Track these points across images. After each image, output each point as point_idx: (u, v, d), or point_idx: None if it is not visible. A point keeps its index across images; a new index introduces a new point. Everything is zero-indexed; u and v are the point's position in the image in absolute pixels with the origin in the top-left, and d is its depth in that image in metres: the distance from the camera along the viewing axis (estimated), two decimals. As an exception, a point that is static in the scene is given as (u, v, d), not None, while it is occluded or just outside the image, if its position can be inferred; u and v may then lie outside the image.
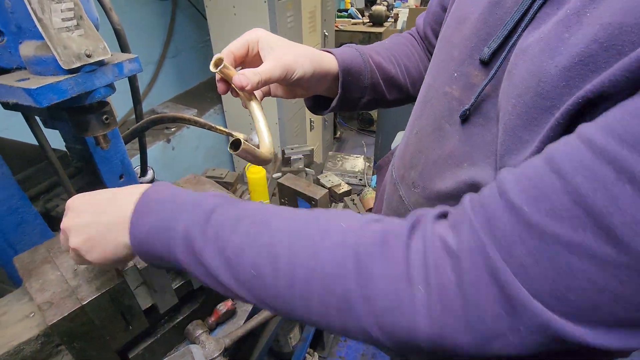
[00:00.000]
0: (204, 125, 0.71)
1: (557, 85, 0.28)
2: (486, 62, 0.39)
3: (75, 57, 0.44)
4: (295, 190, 1.15)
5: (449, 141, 0.44)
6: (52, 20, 0.41)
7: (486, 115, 0.39)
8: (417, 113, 0.53)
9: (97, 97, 0.48)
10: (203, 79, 2.49)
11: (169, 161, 1.92)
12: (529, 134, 0.31)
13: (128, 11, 1.79)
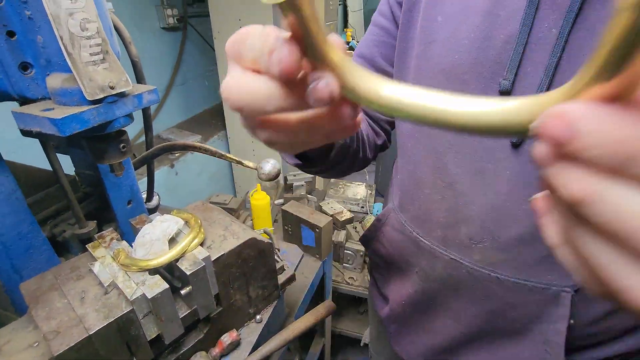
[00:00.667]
0: (215, 154, 0.73)
1: None
2: (508, 92, 0.40)
3: (99, 89, 0.45)
4: (299, 217, 1.15)
5: (499, 179, 0.42)
6: (80, 55, 0.44)
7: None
8: (431, 166, 0.48)
9: (117, 126, 0.50)
10: (208, 106, 2.55)
11: (172, 186, 1.93)
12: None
13: (140, 42, 1.87)
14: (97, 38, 0.45)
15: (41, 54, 0.44)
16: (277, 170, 0.69)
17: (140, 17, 1.85)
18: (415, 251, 0.55)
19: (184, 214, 0.63)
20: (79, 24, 0.43)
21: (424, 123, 0.18)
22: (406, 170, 0.54)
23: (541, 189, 0.17)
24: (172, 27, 2.02)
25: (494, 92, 0.41)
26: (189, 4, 2.10)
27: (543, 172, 0.14)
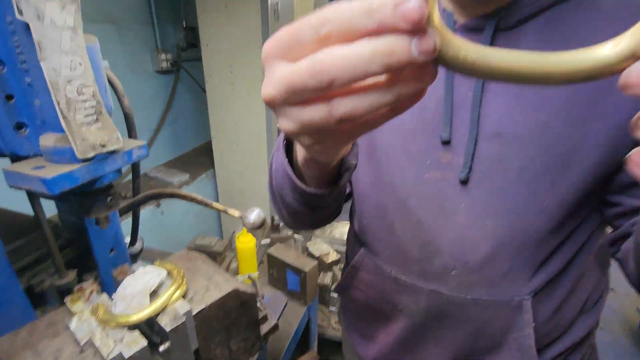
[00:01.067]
0: (201, 202, 0.74)
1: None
2: (448, 142, 0.49)
3: (90, 148, 0.47)
4: (284, 261, 1.15)
5: (457, 213, 0.50)
6: (75, 117, 0.46)
7: (485, 164, 0.48)
8: (399, 211, 0.54)
9: (106, 181, 0.51)
10: (197, 144, 2.58)
11: (157, 225, 1.90)
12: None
13: (134, 84, 1.92)
14: (92, 101, 0.48)
15: (37, 115, 0.46)
16: (262, 219, 0.71)
17: (136, 62, 1.92)
18: (396, 289, 0.58)
19: (167, 264, 0.63)
20: (76, 89, 0.46)
21: (515, 80, 0.20)
22: (374, 218, 0.59)
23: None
24: (166, 71, 2.10)
25: (438, 142, 0.50)
26: (183, 49, 2.20)
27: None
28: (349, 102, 0.20)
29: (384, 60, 0.18)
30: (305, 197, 0.43)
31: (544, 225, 0.47)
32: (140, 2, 1.90)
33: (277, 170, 0.46)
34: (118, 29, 1.78)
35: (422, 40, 0.18)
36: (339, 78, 0.19)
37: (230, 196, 2.32)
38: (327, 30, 0.19)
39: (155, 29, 1.99)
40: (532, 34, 0.45)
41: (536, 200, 0.47)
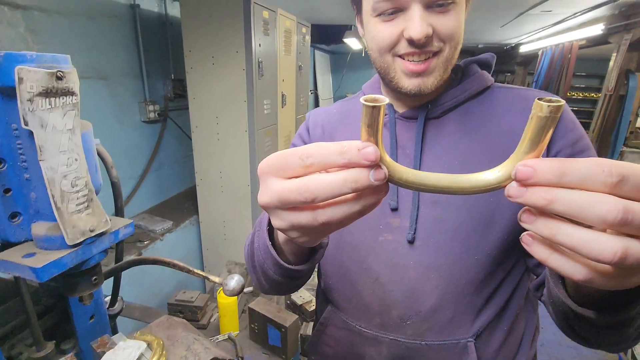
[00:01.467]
0: (183, 269, 0.77)
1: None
2: (396, 209, 0.59)
3: (80, 234, 0.51)
4: (265, 316, 1.16)
5: (407, 269, 0.58)
6: (68, 207, 0.50)
7: (427, 226, 0.57)
8: (359, 268, 0.62)
9: (92, 263, 0.55)
10: (181, 189, 2.61)
11: (138, 276, 1.88)
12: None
13: (120, 135, 1.97)
14: (84, 190, 0.52)
15: (31, 206, 0.50)
16: (242, 286, 0.74)
17: (123, 112, 1.98)
18: (361, 341, 0.64)
19: (147, 335, 0.65)
20: (70, 182, 0.50)
21: (440, 192, 0.30)
22: (338, 276, 0.66)
23: (521, 218, 0.27)
24: (153, 120, 2.17)
25: (388, 209, 0.59)
26: (171, 99, 2.29)
27: (518, 201, 0.25)
28: (328, 211, 0.29)
29: (352, 185, 0.27)
30: (285, 271, 0.49)
31: (477, 275, 0.56)
32: (130, 58, 2.00)
33: (259, 249, 0.51)
34: (108, 84, 1.86)
35: (377, 172, 0.26)
36: (319, 196, 0.27)
37: (214, 242, 2.32)
38: (310, 161, 0.28)
39: (144, 82, 2.08)
40: (452, 122, 0.60)
41: (469, 255, 0.56)
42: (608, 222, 0.22)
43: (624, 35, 3.32)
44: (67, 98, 0.48)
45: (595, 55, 6.54)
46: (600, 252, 0.22)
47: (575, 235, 0.23)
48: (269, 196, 0.30)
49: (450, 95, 0.60)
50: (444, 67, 0.55)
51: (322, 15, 4.25)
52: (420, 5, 0.50)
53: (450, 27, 0.52)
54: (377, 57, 0.57)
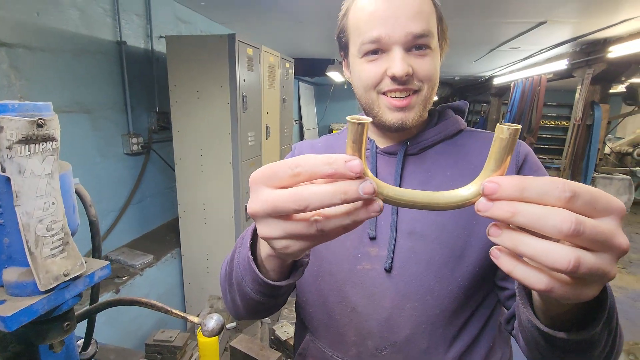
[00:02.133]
0: (161, 309, 0.75)
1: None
2: (374, 238, 0.61)
3: (53, 279, 0.50)
4: (247, 355, 1.12)
5: (384, 298, 0.59)
6: (42, 252, 0.50)
7: (403, 255, 0.59)
8: (337, 297, 0.63)
9: (65, 308, 0.53)
10: (164, 221, 2.56)
11: (114, 315, 1.80)
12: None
13: (102, 168, 1.95)
14: (60, 234, 0.52)
15: (4, 251, 0.50)
16: (221, 326, 0.72)
17: (106, 145, 1.97)
18: None
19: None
20: (46, 227, 0.50)
21: (416, 207, 0.32)
22: (317, 306, 0.67)
23: (489, 231, 0.29)
24: (136, 153, 2.16)
25: (366, 238, 0.62)
26: (155, 132, 2.30)
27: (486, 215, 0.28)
28: (324, 221, 0.30)
29: (341, 196, 0.28)
30: (265, 288, 0.49)
31: (450, 306, 0.58)
32: (115, 92, 2.02)
33: (238, 265, 0.52)
34: (91, 117, 1.86)
35: (365, 185, 0.29)
36: (311, 204, 0.29)
37: (196, 276, 2.27)
38: (299, 171, 0.30)
39: (128, 115, 2.09)
40: (429, 159, 0.65)
41: (442, 286, 0.58)
42: (563, 233, 0.25)
43: (586, 70, 3.57)
44: (47, 144, 0.49)
45: (564, 86, 6.96)
46: (556, 260, 0.25)
47: (534, 246, 0.26)
48: (260, 204, 0.31)
49: (428, 134, 0.66)
50: (423, 105, 0.61)
51: (306, 50, 4.42)
52: (400, 48, 0.57)
53: (427, 69, 0.58)
54: (363, 94, 0.63)
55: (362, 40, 0.58)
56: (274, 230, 0.32)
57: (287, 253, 0.34)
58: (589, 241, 0.25)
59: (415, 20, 0.56)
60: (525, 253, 0.26)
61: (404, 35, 0.56)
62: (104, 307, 0.79)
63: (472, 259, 0.58)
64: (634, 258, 4.12)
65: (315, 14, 2.67)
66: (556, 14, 2.52)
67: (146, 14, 2.21)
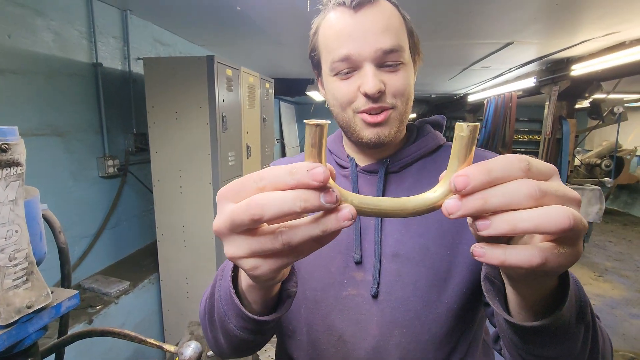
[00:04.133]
0: (134, 339, 0.72)
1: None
2: (360, 262, 0.60)
3: (15, 312, 0.47)
4: (229, 383, 1.07)
5: (371, 325, 0.58)
6: (3, 283, 0.47)
7: (389, 279, 0.58)
8: (322, 326, 0.60)
9: (28, 343, 0.50)
10: (141, 245, 2.47)
11: (86, 347, 1.70)
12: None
13: (75, 191, 1.88)
14: (24, 263, 0.49)
15: (-39, 284, 0.46)
16: (198, 354, 0.69)
17: (79, 168, 1.91)
18: None
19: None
20: (8, 256, 0.47)
21: (382, 216, 0.31)
22: (300, 334, 0.64)
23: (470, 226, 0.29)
24: (112, 175, 2.10)
25: (352, 262, 0.60)
26: (132, 153, 2.25)
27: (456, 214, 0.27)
28: (287, 233, 0.28)
29: (301, 204, 0.26)
30: (250, 323, 0.45)
31: (440, 331, 0.57)
32: (90, 114, 1.98)
33: (219, 299, 0.48)
34: (64, 140, 1.81)
35: (327, 195, 0.27)
36: (267, 212, 0.27)
37: (175, 302, 2.18)
38: (264, 183, 0.28)
39: (104, 137, 2.04)
40: (410, 176, 0.64)
41: (430, 310, 0.57)
42: (534, 196, 0.26)
43: (553, 87, 3.78)
44: (11, 169, 0.47)
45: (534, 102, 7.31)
46: (558, 220, 0.25)
47: (533, 216, 0.25)
48: (221, 220, 0.29)
49: (407, 152, 0.65)
50: (399, 120, 0.60)
51: (285, 71, 4.49)
52: (372, 64, 0.56)
53: (400, 85, 0.57)
54: (340, 112, 0.62)
55: (332, 58, 0.58)
56: (238, 249, 0.30)
57: (257, 275, 0.32)
58: (556, 197, 0.26)
59: (384, 36, 0.55)
60: (526, 228, 0.26)
61: (373, 51, 0.55)
62: (73, 339, 0.74)
63: (459, 279, 0.57)
64: (609, 266, 4.26)
65: (293, 36, 2.73)
66: (522, 35, 2.68)
67: (123, 36, 2.20)
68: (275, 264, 0.31)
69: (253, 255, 0.30)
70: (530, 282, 0.34)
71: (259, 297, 0.44)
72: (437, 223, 0.59)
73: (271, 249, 0.29)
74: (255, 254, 0.30)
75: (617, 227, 5.86)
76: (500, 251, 0.27)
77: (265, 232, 0.29)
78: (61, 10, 1.76)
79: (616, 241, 5.16)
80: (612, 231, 5.62)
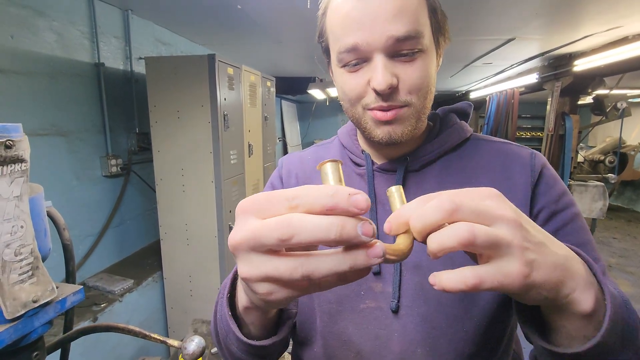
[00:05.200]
0: (138, 334, 0.73)
1: None
2: (378, 273, 0.55)
3: (21, 307, 0.48)
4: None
5: (391, 341, 0.53)
6: (9, 278, 0.48)
7: (410, 292, 0.53)
8: (339, 341, 0.56)
9: (33, 337, 0.51)
10: (145, 244, 2.49)
11: (92, 344, 1.71)
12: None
13: (79, 190, 1.90)
14: (29, 258, 0.50)
15: (-32, 279, 0.47)
16: (202, 348, 0.70)
17: (83, 168, 1.92)
18: None
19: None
20: (14, 252, 0.48)
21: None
22: (318, 346, 0.60)
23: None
24: (115, 174, 2.11)
25: (370, 274, 0.55)
26: (134, 153, 2.26)
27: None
28: (313, 262, 0.25)
29: (337, 231, 0.24)
30: (248, 347, 0.43)
31: (466, 349, 0.51)
32: (93, 113, 1.99)
33: (220, 320, 0.47)
34: (68, 140, 1.82)
35: (365, 225, 0.25)
36: (300, 235, 0.24)
37: (179, 300, 2.19)
38: (297, 202, 0.25)
39: (106, 137, 2.06)
40: (432, 177, 0.57)
41: (457, 327, 0.51)
42: (449, 213, 0.28)
43: (555, 82, 3.76)
44: (15, 165, 0.48)
45: (537, 99, 7.27)
46: (453, 234, 0.28)
47: (442, 234, 0.29)
48: (242, 234, 0.26)
49: (430, 148, 0.58)
50: (415, 117, 0.52)
51: (286, 69, 4.49)
52: (383, 55, 0.48)
53: (416, 77, 0.49)
54: (349, 107, 0.55)
55: (338, 48, 0.51)
56: (255, 270, 0.27)
57: (270, 300, 0.29)
58: (469, 214, 0.28)
59: (397, 21, 0.46)
60: (447, 246, 0.28)
61: (384, 40, 0.47)
62: (78, 335, 0.75)
63: (488, 293, 0.51)
64: (613, 263, 4.24)
65: (293, 35, 2.73)
66: (523, 31, 2.66)
67: (125, 36, 2.21)
68: (292, 293, 0.28)
69: (269, 280, 0.27)
70: (551, 307, 0.34)
71: (255, 319, 0.42)
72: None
73: (289, 279, 0.26)
74: (272, 280, 0.27)
75: (622, 224, 5.83)
76: (441, 277, 0.29)
77: (287, 256, 0.26)
78: (63, 10, 1.78)
79: (620, 237, 5.13)
80: (616, 227, 5.60)
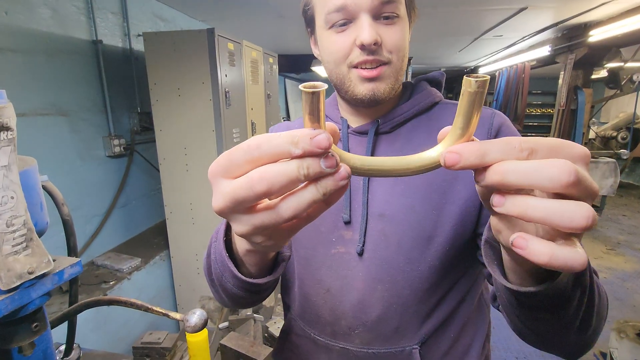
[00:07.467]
0: (141, 307, 0.73)
1: None
2: (349, 222, 0.62)
3: (17, 277, 0.48)
4: (238, 352, 1.10)
5: (356, 280, 0.61)
6: (2, 249, 0.47)
7: (374, 238, 0.60)
8: (312, 280, 0.64)
9: (31, 308, 0.50)
10: (151, 224, 2.51)
11: (103, 319, 1.76)
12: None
13: (83, 171, 1.90)
14: (22, 229, 0.49)
15: (-40, 250, 0.46)
16: (204, 321, 0.70)
17: (86, 148, 1.92)
18: (315, 349, 0.66)
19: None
20: (5, 222, 0.47)
21: (385, 175, 0.30)
22: (294, 287, 0.69)
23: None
24: (118, 155, 2.11)
25: (341, 222, 0.62)
26: (137, 133, 2.25)
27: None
28: (292, 203, 0.27)
29: (304, 172, 0.25)
30: (245, 284, 0.46)
31: (421, 286, 0.59)
32: (93, 93, 1.96)
33: (215, 261, 0.50)
34: (69, 120, 1.81)
35: (328, 160, 0.25)
36: (274, 185, 0.25)
37: (186, 278, 2.23)
38: (257, 154, 0.26)
39: (108, 117, 2.04)
40: (401, 137, 0.63)
41: (412, 267, 0.59)
42: (562, 183, 0.22)
43: (569, 55, 3.62)
44: (1, 134, 0.46)
45: (548, 74, 7.05)
46: (573, 218, 0.22)
47: (546, 207, 0.23)
48: (221, 200, 0.27)
49: (400, 110, 0.64)
50: (394, 76, 0.59)
51: (289, 46, 4.39)
52: (368, 15, 0.55)
53: (396, 39, 0.57)
54: (333, 68, 0.61)
55: (327, 9, 0.57)
56: (245, 226, 0.28)
57: (269, 246, 0.32)
58: (582, 189, 0.23)
59: None
60: (535, 217, 0.23)
61: (370, 0, 0.54)
62: (82, 308, 0.76)
63: (442, 238, 0.58)
64: (621, 239, 4.20)
65: (295, 8, 2.64)
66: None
67: (122, 11, 2.15)
68: (283, 236, 0.32)
69: (262, 230, 0.29)
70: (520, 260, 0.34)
71: (256, 260, 0.45)
72: (425, 183, 0.60)
73: (280, 221, 0.27)
74: (263, 229, 0.28)
75: (632, 201, 5.74)
76: (546, 250, 0.24)
77: (269, 207, 0.27)
78: (57, -15, 1.72)
79: (630, 215, 5.06)
80: (626, 205, 5.51)
